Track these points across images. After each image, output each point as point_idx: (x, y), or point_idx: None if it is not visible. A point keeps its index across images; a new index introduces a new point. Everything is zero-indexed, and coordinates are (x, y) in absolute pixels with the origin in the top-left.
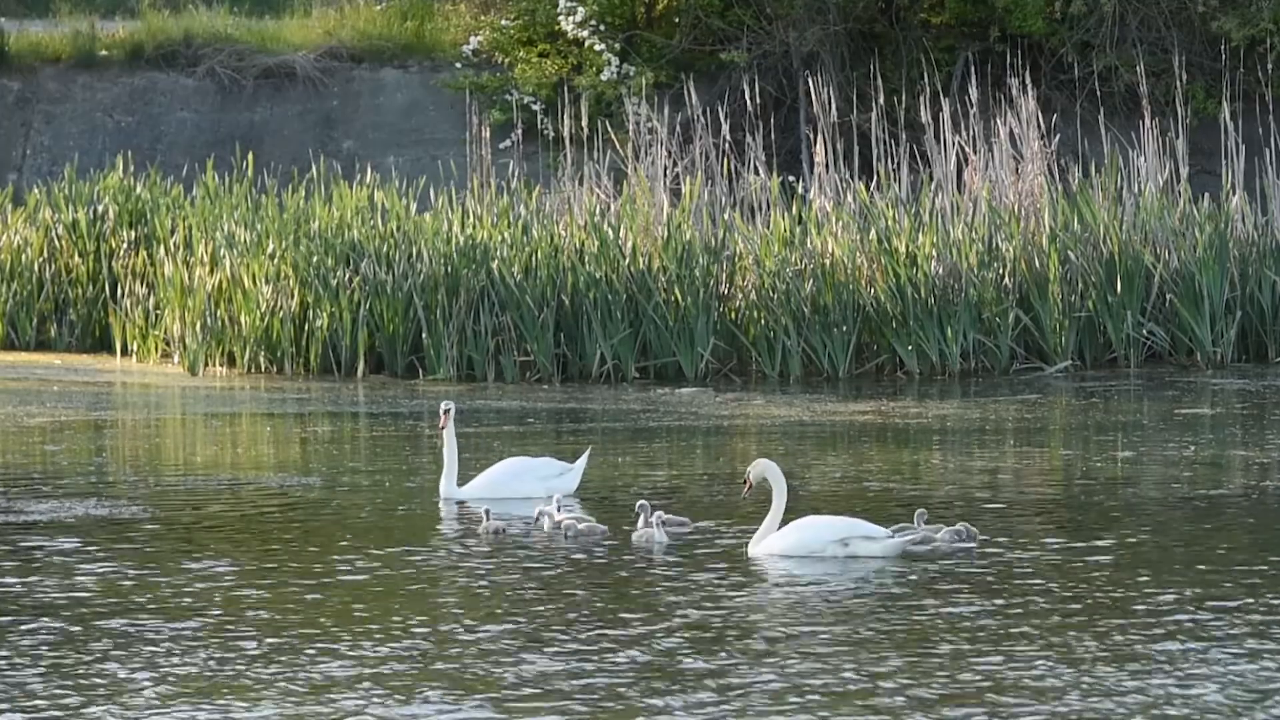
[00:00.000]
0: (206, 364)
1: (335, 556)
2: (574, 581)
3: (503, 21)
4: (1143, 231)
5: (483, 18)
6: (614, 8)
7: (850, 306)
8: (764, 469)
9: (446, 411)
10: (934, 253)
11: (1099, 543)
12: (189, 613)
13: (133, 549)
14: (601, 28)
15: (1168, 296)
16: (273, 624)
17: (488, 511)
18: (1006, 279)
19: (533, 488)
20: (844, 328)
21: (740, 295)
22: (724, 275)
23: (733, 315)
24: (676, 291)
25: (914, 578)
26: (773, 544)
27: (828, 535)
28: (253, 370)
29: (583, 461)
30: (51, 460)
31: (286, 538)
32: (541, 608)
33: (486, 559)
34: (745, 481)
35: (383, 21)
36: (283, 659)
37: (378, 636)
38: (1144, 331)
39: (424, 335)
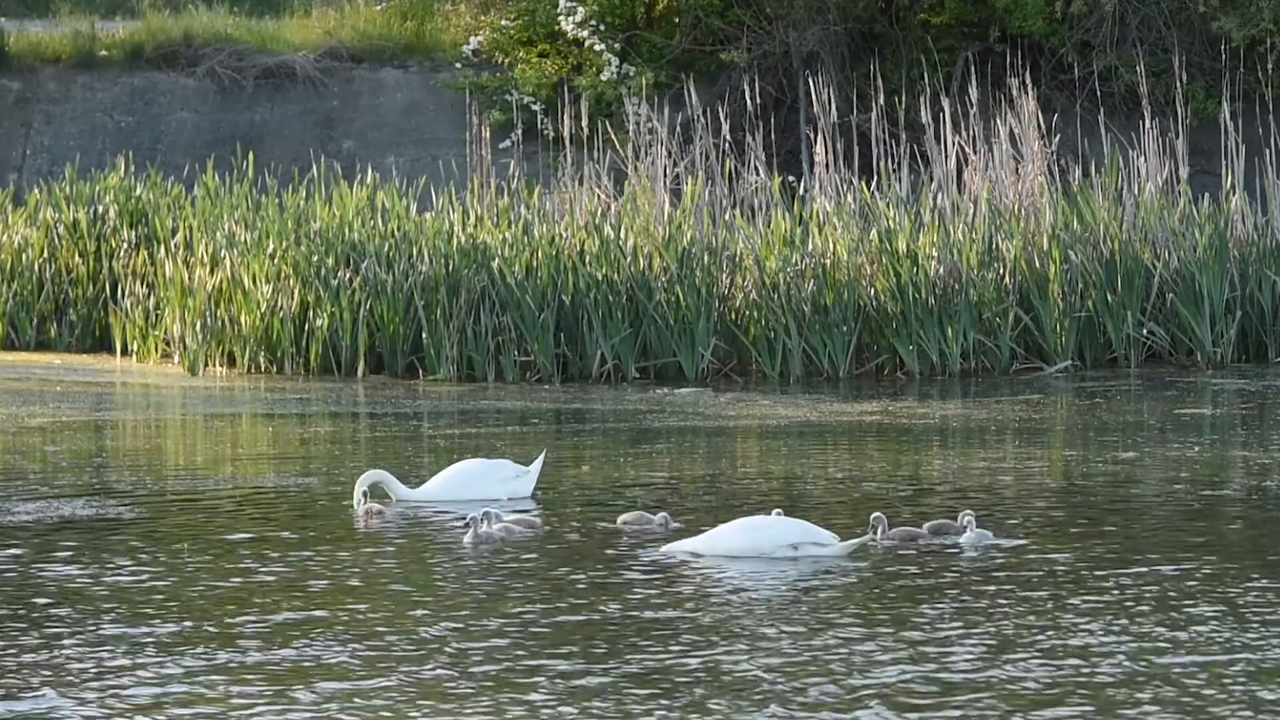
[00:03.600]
0: (206, 364)
1: (283, 555)
2: (503, 579)
3: (503, 22)
4: (1143, 231)
5: (483, 18)
6: (614, 8)
7: (851, 306)
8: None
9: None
10: (934, 253)
11: (1100, 542)
12: (107, 609)
13: (101, 547)
14: (601, 28)
15: (1168, 296)
16: (155, 616)
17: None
18: (1006, 279)
19: (491, 490)
20: (844, 328)
21: (741, 295)
22: (724, 275)
23: (733, 315)
24: (677, 291)
25: (915, 574)
26: (720, 544)
27: (779, 539)
28: (253, 370)
29: (537, 464)
30: (50, 460)
31: (255, 536)
32: (467, 604)
33: (419, 559)
34: None
35: (383, 21)
36: (152, 652)
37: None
38: (1144, 331)
39: (424, 335)
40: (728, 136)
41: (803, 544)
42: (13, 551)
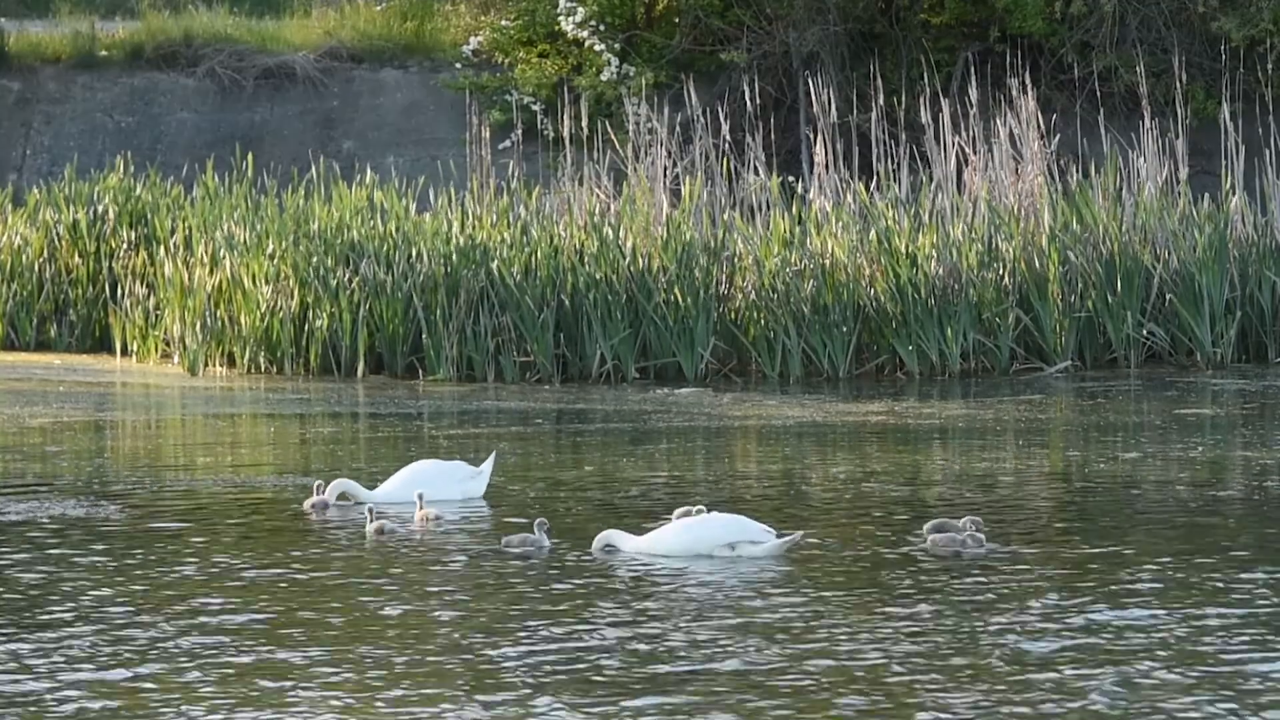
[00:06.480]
0: (206, 364)
1: (252, 557)
2: (458, 580)
3: (503, 22)
4: (1142, 232)
5: (483, 18)
6: (614, 8)
7: (850, 307)
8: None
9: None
10: (934, 253)
11: (1102, 541)
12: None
13: (76, 548)
14: (601, 28)
15: (1168, 296)
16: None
17: (318, 486)
18: (1006, 279)
19: (447, 490)
20: (844, 328)
21: (740, 295)
22: (724, 275)
23: (733, 315)
24: (676, 292)
25: (907, 579)
26: (661, 544)
27: (716, 538)
28: (253, 370)
29: (488, 465)
30: (49, 461)
31: (232, 535)
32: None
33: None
34: None
35: (383, 21)
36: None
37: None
38: (1144, 332)
39: (424, 335)
40: (727, 137)
41: (739, 542)
42: (6, 550)
